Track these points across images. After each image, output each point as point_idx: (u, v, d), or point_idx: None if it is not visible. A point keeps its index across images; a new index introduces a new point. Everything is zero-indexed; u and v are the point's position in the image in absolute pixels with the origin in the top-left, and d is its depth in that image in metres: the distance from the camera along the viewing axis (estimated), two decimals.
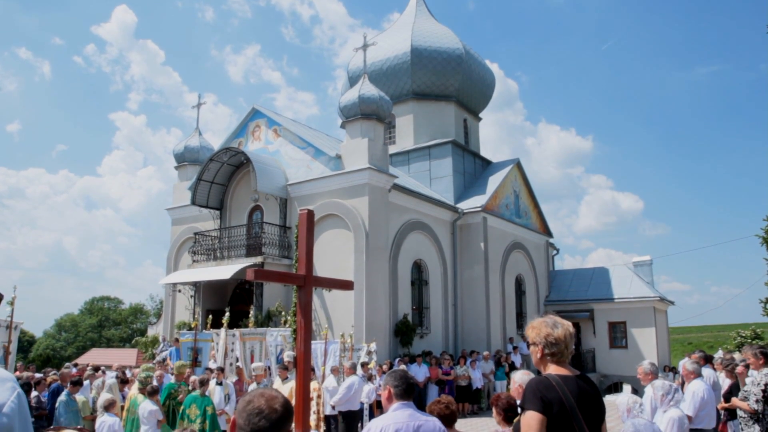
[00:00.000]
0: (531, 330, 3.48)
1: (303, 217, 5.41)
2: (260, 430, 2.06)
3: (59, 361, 45.49)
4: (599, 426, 3.32)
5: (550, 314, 3.55)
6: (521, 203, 28.01)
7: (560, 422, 3.12)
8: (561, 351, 3.35)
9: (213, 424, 8.87)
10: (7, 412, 1.53)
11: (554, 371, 3.32)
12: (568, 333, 3.39)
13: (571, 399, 3.16)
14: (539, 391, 3.18)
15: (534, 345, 3.44)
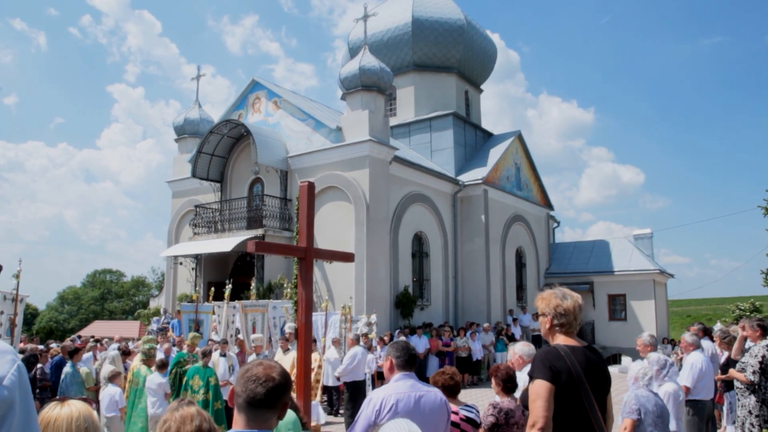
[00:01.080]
0: (541, 301, 3.51)
1: (304, 189, 5.39)
2: (256, 397, 2.07)
3: (62, 334, 45.87)
4: (605, 396, 3.36)
5: (559, 286, 3.57)
6: (522, 176, 27.94)
7: (568, 391, 3.16)
8: (570, 322, 3.39)
9: (216, 394, 8.94)
10: (7, 385, 1.52)
11: (563, 342, 3.35)
12: (577, 305, 3.43)
13: (579, 369, 3.20)
14: (548, 361, 3.22)
15: (543, 316, 3.47)
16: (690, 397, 7.21)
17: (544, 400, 3.12)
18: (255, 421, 2.09)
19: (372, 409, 3.88)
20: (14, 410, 1.52)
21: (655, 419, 5.25)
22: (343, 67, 20.63)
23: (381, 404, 3.87)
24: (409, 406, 3.82)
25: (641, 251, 27.26)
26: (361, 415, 3.93)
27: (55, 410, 2.19)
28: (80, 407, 2.24)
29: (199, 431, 2.48)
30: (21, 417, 1.53)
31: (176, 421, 2.50)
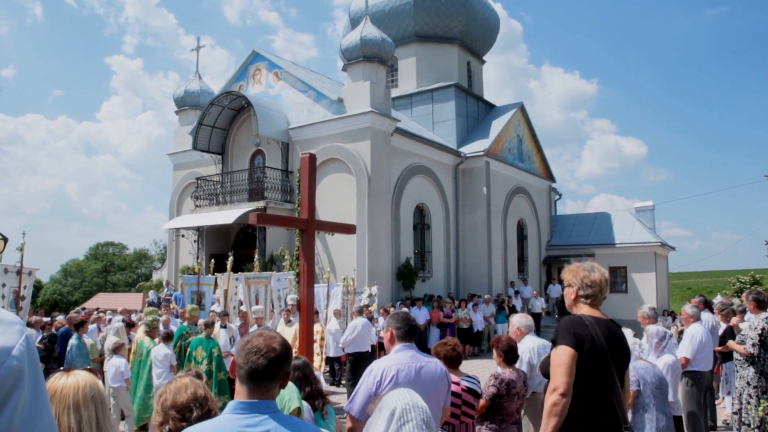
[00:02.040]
0: (568, 273, 3.54)
1: (305, 161, 5.37)
2: (258, 368, 2.08)
3: (66, 306, 46.19)
4: (624, 370, 3.39)
5: (587, 260, 3.60)
6: (524, 147, 27.82)
7: (590, 360, 3.18)
8: (595, 294, 3.41)
9: (219, 365, 9.01)
10: (16, 355, 1.52)
11: (587, 313, 3.38)
12: (604, 278, 3.46)
13: (603, 339, 3.22)
14: (573, 328, 3.24)
15: (569, 287, 3.50)
16: (689, 368, 7.27)
17: (567, 366, 3.15)
18: (257, 392, 2.10)
19: (373, 380, 3.91)
20: (23, 380, 1.53)
21: (654, 390, 5.29)
22: (344, 38, 20.43)
23: (382, 375, 3.90)
24: (409, 377, 3.85)
25: (643, 224, 27.25)
26: (362, 386, 3.96)
27: (61, 380, 2.22)
28: (86, 377, 2.26)
29: (194, 398, 2.51)
30: (30, 386, 1.54)
31: (171, 392, 2.53)
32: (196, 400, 2.51)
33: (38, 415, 1.56)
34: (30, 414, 1.54)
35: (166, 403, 2.53)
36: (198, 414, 2.43)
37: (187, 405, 2.50)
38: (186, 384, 2.57)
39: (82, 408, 2.16)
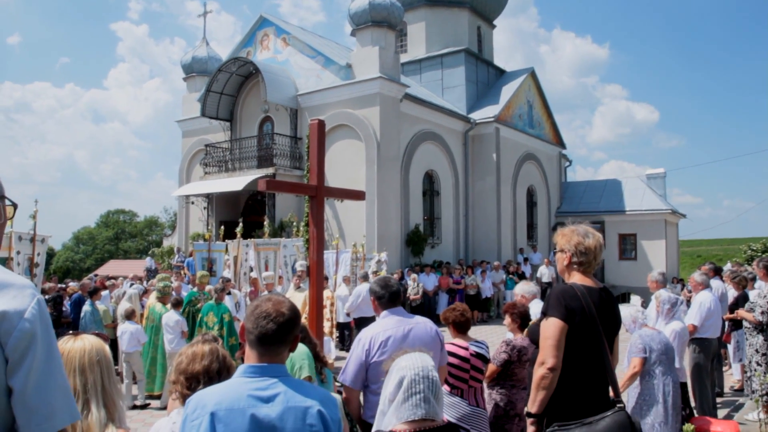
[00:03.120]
0: (561, 237, 3.41)
1: (314, 127, 5.33)
2: (268, 333, 2.09)
3: (79, 273, 46.71)
4: (613, 338, 3.33)
5: (580, 223, 3.48)
6: (534, 113, 27.55)
7: (581, 331, 3.12)
8: (589, 261, 3.30)
9: (230, 330, 9.12)
10: (29, 318, 1.55)
11: (579, 281, 3.28)
12: (598, 244, 3.34)
13: (594, 310, 3.13)
14: (564, 299, 3.16)
15: (562, 252, 3.37)
16: (697, 335, 7.28)
17: (556, 339, 3.09)
18: (267, 356, 2.12)
19: (362, 349, 3.94)
20: (36, 342, 1.56)
21: (660, 356, 5.31)
22: (353, 2, 20.13)
23: (370, 343, 3.92)
24: (398, 340, 3.87)
25: (653, 191, 27.08)
26: (353, 355, 3.98)
27: (69, 343, 2.26)
28: (93, 341, 2.29)
29: (206, 371, 2.53)
30: (43, 348, 1.57)
31: (188, 357, 2.57)
32: (207, 373, 2.53)
33: (52, 376, 1.59)
34: (44, 375, 1.56)
35: (180, 366, 2.57)
36: (204, 388, 2.46)
37: (196, 375, 2.52)
38: (204, 353, 2.58)
39: (87, 371, 2.20)
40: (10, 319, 1.53)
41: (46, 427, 1.55)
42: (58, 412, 1.58)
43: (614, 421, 2.93)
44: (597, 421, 2.95)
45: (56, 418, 1.58)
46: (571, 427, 2.97)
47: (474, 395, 4.72)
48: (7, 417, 1.55)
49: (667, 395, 5.26)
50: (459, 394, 4.66)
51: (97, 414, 2.17)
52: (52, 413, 1.57)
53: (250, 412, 1.98)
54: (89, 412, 2.16)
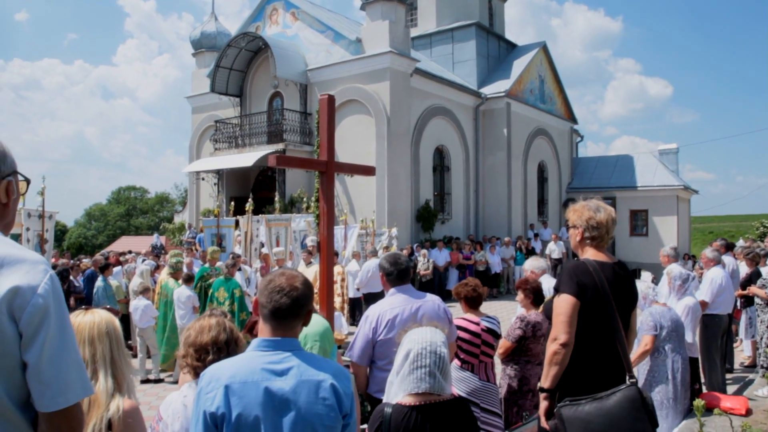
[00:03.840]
0: (573, 213, 3.41)
1: (324, 102, 5.30)
2: (281, 307, 2.11)
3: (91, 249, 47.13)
4: (629, 313, 3.33)
5: (591, 198, 3.47)
6: (546, 88, 27.26)
7: (593, 307, 3.12)
8: (601, 236, 3.30)
9: (241, 305, 9.19)
10: (41, 293, 1.57)
11: (592, 256, 3.28)
12: (610, 218, 3.33)
13: (606, 285, 3.13)
14: (576, 275, 3.16)
15: (574, 228, 3.37)
16: (707, 312, 7.27)
17: (568, 315, 3.09)
18: (280, 330, 2.13)
19: (369, 326, 3.96)
20: (50, 317, 1.57)
21: (670, 333, 5.32)
22: None
23: (377, 320, 3.94)
24: (405, 319, 3.88)
25: (666, 166, 26.83)
26: (360, 333, 4.01)
27: (79, 317, 2.31)
28: (103, 315, 2.34)
29: (215, 341, 2.57)
30: (56, 324, 1.59)
31: (195, 330, 2.61)
32: (215, 344, 2.56)
33: (65, 350, 1.60)
34: (58, 350, 1.58)
35: (188, 340, 2.60)
36: (213, 358, 2.49)
37: (204, 347, 2.56)
38: (211, 326, 2.62)
39: (96, 342, 2.25)
40: (23, 295, 1.54)
41: (61, 400, 1.57)
42: (71, 386, 1.60)
43: (625, 396, 2.95)
44: (608, 396, 2.96)
45: (70, 392, 1.60)
46: (582, 402, 2.98)
47: (484, 370, 4.74)
48: (22, 391, 1.57)
49: (676, 372, 5.27)
50: (469, 369, 4.68)
51: (104, 383, 2.22)
52: (66, 387, 1.58)
53: (263, 385, 1.99)
54: (97, 381, 2.22)
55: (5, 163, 1.74)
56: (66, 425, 1.61)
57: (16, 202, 1.81)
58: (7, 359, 1.53)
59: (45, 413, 1.58)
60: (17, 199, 1.82)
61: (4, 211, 1.77)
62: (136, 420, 2.25)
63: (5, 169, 1.74)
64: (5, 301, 1.52)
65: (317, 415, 2.02)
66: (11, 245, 1.64)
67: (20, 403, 1.57)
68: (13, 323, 1.53)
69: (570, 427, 2.94)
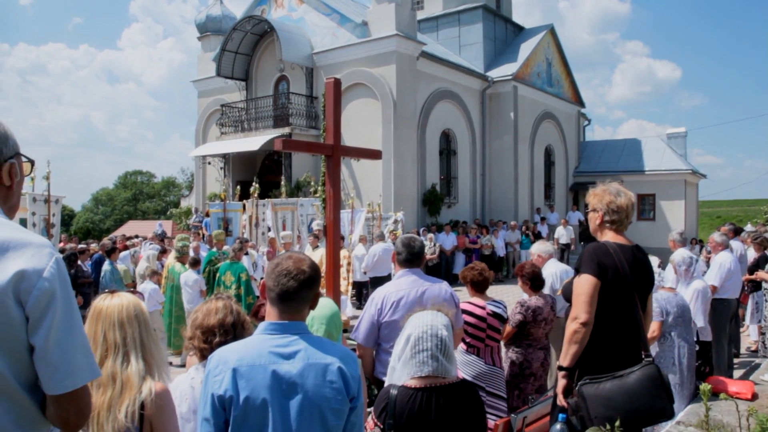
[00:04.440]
0: (593, 197, 3.43)
1: (330, 86, 5.27)
2: (289, 291, 2.11)
3: (99, 234, 47.26)
4: (647, 295, 3.37)
5: (613, 182, 3.48)
6: (553, 71, 27.06)
7: (613, 288, 3.16)
8: (621, 219, 3.33)
9: (248, 289, 9.22)
10: (47, 277, 1.57)
11: (612, 239, 3.31)
12: (630, 202, 3.36)
13: (626, 267, 3.17)
14: (596, 256, 3.20)
15: (594, 211, 3.40)
16: (715, 296, 7.24)
17: (588, 295, 3.13)
18: (287, 313, 2.14)
19: (374, 308, 3.97)
20: (56, 301, 1.58)
21: (676, 319, 5.32)
22: None
23: (382, 302, 3.95)
24: (411, 302, 3.88)
25: (674, 150, 26.67)
26: (365, 315, 4.02)
27: (106, 301, 2.32)
28: (130, 298, 2.36)
29: (221, 324, 2.58)
30: (63, 307, 1.59)
31: (202, 313, 2.62)
32: (222, 326, 2.58)
33: (72, 333, 1.61)
34: (64, 333, 1.58)
35: (195, 322, 2.62)
36: (220, 340, 2.51)
37: (211, 329, 2.57)
38: (218, 308, 2.64)
39: (126, 325, 2.27)
40: (28, 279, 1.54)
41: (68, 383, 1.58)
42: (78, 369, 1.61)
43: (644, 374, 3.00)
44: (628, 374, 3.02)
45: (77, 375, 1.60)
46: (602, 380, 3.04)
47: (490, 354, 4.76)
48: (30, 374, 1.58)
49: (682, 357, 5.27)
50: (475, 353, 4.69)
51: (136, 366, 2.23)
52: (73, 370, 1.59)
53: (271, 368, 2.00)
54: (128, 364, 2.23)
55: (7, 145, 1.72)
56: (74, 407, 1.63)
57: (20, 184, 1.80)
58: (15, 342, 1.54)
59: (53, 396, 1.59)
60: (21, 181, 1.81)
61: (8, 194, 1.76)
62: (167, 402, 2.27)
63: (7, 151, 1.72)
64: (11, 285, 1.52)
65: (324, 398, 2.03)
66: (16, 229, 1.64)
67: (28, 385, 1.58)
68: (19, 307, 1.53)
69: (591, 404, 2.99)
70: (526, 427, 4.27)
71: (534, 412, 4.32)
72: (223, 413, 1.98)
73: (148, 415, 2.19)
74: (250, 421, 1.97)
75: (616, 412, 2.84)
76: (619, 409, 2.89)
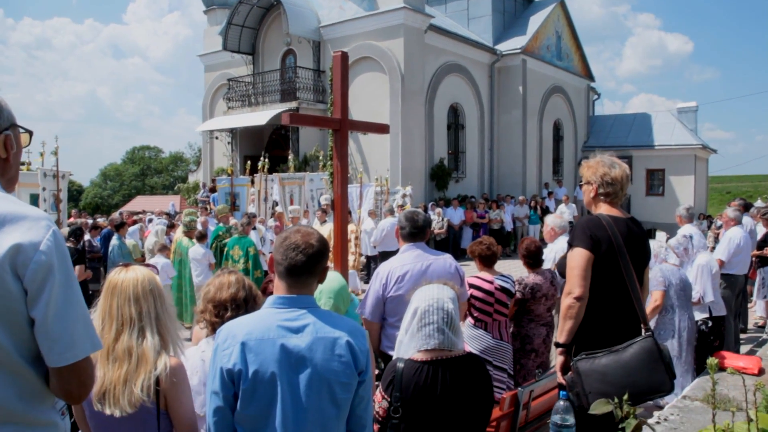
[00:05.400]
0: (587, 169, 3.38)
1: (337, 59, 5.23)
2: (297, 264, 2.11)
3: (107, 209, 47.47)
4: (643, 269, 3.32)
5: (607, 154, 3.43)
6: (563, 45, 26.72)
7: (607, 261, 3.12)
8: (615, 192, 3.28)
9: (255, 263, 9.27)
10: (44, 249, 1.56)
11: (606, 212, 3.27)
12: (624, 174, 3.31)
13: (620, 239, 3.12)
14: (589, 229, 3.16)
15: (588, 184, 3.36)
16: (724, 271, 7.23)
17: (582, 269, 3.09)
18: (295, 287, 2.14)
19: (379, 283, 3.98)
20: (53, 273, 1.57)
21: (678, 291, 5.33)
22: None
23: (387, 277, 3.96)
24: (416, 276, 3.89)
25: (684, 125, 26.40)
26: (371, 290, 4.03)
27: (121, 274, 2.31)
28: (144, 272, 2.35)
29: (233, 298, 2.59)
30: (61, 279, 1.59)
31: (215, 286, 2.62)
32: (234, 301, 2.58)
33: (71, 306, 1.61)
34: (63, 305, 1.59)
35: (207, 295, 2.62)
36: (232, 315, 2.51)
37: (223, 303, 2.58)
38: (230, 282, 2.64)
39: (141, 300, 2.26)
40: (25, 252, 1.53)
41: (69, 355, 1.59)
42: (79, 341, 1.61)
43: (642, 348, 2.97)
44: (624, 348, 2.98)
45: (77, 347, 1.61)
46: (598, 355, 3.00)
47: (498, 328, 4.77)
48: (32, 347, 1.59)
49: (682, 330, 5.29)
50: (483, 327, 4.71)
51: (151, 340, 2.23)
52: (74, 342, 1.60)
53: (279, 342, 2.01)
54: (144, 338, 2.23)
55: (1, 117, 1.71)
56: (75, 379, 1.64)
57: (17, 156, 1.79)
58: (15, 315, 1.54)
59: (54, 368, 1.60)
60: (18, 153, 1.79)
61: (5, 166, 1.75)
62: (182, 377, 2.28)
63: (1, 122, 1.71)
64: (8, 259, 1.51)
65: (333, 372, 2.03)
66: (13, 202, 1.63)
67: (31, 358, 1.60)
68: (17, 280, 1.53)
69: (587, 380, 2.96)
70: (533, 401, 4.30)
71: (541, 386, 4.35)
72: (231, 386, 1.99)
73: (163, 389, 2.21)
74: (258, 394, 1.98)
75: (612, 387, 2.80)
76: (616, 384, 2.85)
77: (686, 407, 3.54)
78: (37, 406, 1.63)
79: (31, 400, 1.61)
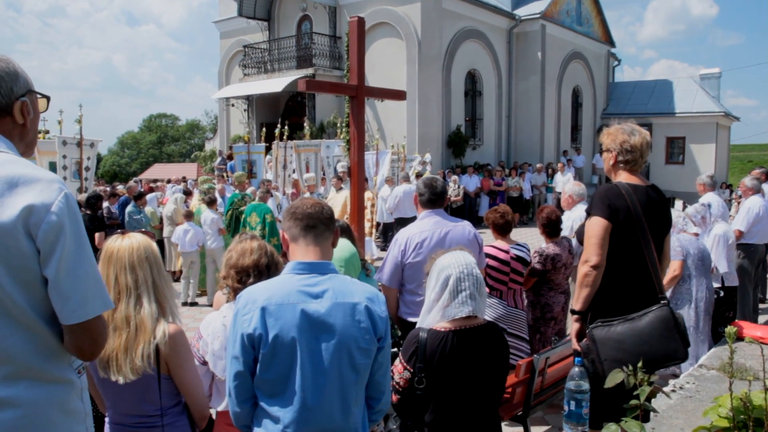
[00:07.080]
0: (606, 136, 3.35)
1: (353, 25, 5.18)
2: (313, 215, 2.18)
3: (125, 177, 47.80)
4: (663, 237, 3.30)
5: (628, 122, 3.39)
6: (583, 9, 26.16)
7: (625, 230, 3.10)
8: (635, 159, 3.25)
9: (272, 230, 9.32)
10: (55, 210, 1.61)
11: (625, 180, 3.24)
12: (645, 141, 3.27)
13: (639, 208, 3.10)
14: (607, 198, 3.14)
15: (608, 151, 3.32)
16: (743, 241, 7.16)
17: (599, 237, 3.08)
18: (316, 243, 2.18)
19: (398, 250, 3.99)
20: (65, 234, 1.62)
21: (696, 262, 5.30)
22: None
23: (406, 244, 3.96)
24: (434, 243, 3.89)
25: (706, 92, 25.88)
26: (389, 256, 4.04)
27: (117, 242, 2.34)
28: (140, 239, 2.37)
29: (256, 265, 2.60)
30: (72, 240, 1.63)
31: (237, 252, 2.64)
32: (256, 267, 2.59)
33: (82, 265, 1.66)
34: (75, 264, 1.64)
35: (230, 261, 2.64)
36: (254, 281, 2.53)
37: (245, 269, 2.59)
38: (253, 249, 2.65)
39: (137, 268, 2.29)
40: (37, 213, 1.58)
41: (81, 313, 1.64)
42: (90, 300, 1.66)
43: (657, 316, 2.97)
44: (640, 316, 3.00)
45: (89, 305, 1.65)
46: (614, 323, 3.02)
47: (513, 297, 4.79)
48: (47, 306, 1.64)
49: (699, 300, 5.27)
50: (498, 296, 4.72)
51: (149, 308, 2.27)
52: (85, 300, 1.64)
53: (300, 307, 2.02)
54: (141, 306, 2.27)
55: (17, 83, 1.73)
56: (88, 337, 1.68)
57: (34, 121, 1.83)
58: (29, 274, 1.60)
59: (67, 326, 1.65)
60: (36, 118, 1.83)
61: (23, 132, 1.79)
62: (182, 343, 2.32)
63: (18, 89, 1.74)
64: (21, 219, 1.56)
65: (352, 338, 2.05)
66: (26, 165, 1.67)
67: (46, 316, 1.65)
68: (30, 240, 1.58)
69: (602, 347, 2.99)
70: (549, 368, 4.34)
71: (556, 353, 4.38)
72: (252, 351, 2.01)
73: (163, 356, 2.26)
74: (278, 359, 2.00)
75: (627, 355, 2.82)
76: (630, 352, 2.87)
77: (702, 376, 3.55)
78: (54, 363, 1.69)
79: (49, 357, 1.67)
